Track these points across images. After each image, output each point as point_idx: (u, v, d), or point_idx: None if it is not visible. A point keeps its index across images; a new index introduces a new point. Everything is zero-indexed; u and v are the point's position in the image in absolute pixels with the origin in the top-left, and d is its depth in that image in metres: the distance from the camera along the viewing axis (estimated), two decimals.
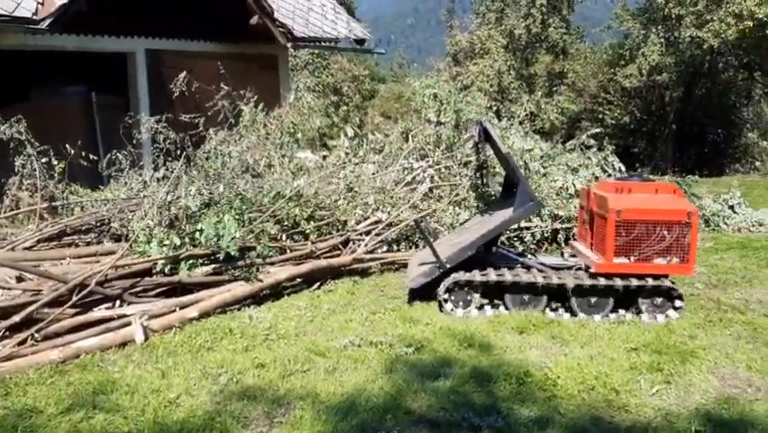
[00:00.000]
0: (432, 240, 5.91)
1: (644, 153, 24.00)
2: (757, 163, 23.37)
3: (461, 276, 5.48)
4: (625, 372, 4.26)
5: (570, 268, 5.69)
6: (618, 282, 5.28)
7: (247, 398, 3.89)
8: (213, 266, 5.84)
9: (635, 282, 5.27)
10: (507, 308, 5.48)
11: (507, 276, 5.46)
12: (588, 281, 5.34)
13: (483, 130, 5.83)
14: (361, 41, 13.49)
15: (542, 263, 5.84)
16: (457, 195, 7.70)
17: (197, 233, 5.83)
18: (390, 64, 41.65)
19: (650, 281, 5.27)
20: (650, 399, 3.92)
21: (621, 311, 5.41)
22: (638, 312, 5.36)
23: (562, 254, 6.40)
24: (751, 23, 16.35)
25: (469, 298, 5.52)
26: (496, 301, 5.58)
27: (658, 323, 5.23)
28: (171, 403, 3.83)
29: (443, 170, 8.24)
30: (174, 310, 5.22)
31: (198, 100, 8.71)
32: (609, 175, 9.07)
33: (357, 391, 3.95)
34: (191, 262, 5.74)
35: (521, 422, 3.61)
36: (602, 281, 5.31)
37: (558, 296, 5.49)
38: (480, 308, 5.53)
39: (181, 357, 4.51)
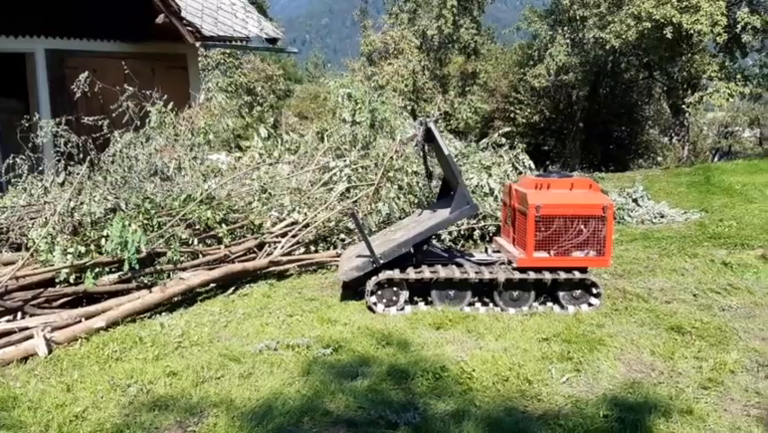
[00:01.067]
0: (367, 234, 5.92)
1: (553, 151, 24.82)
2: (659, 158, 24.58)
3: (392, 274, 5.51)
4: (537, 361, 4.38)
5: (493, 263, 5.82)
6: (547, 276, 5.42)
7: (158, 408, 3.75)
8: (121, 273, 5.62)
9: (563, 275, 5.42)
10: (432, 304, 5.57)
11: (441, 273, 5.53)
12: (517, 276, 5.45)
13: (427, 130, 5.88)
14: (273, 41, 13.32)
15: (468, 259, 5.97)
16: (375, 194, 7.71)
17: (103, 240, 5.60)
18: (306, 64, 41.45)
19: (576, 274, 5.44)
20: (561, 387, 4.04)
21: (536, 304, 5.56)
22: (561, 305, 5.53)
23: (486, 250, 6.56)
24: (649, 25, 17.11)
25: (395, 296, 5.56)
26: (415, 298, 5.65)
27: (568, 314, 5.40)
28: (77, 418, 3.66)
29: (360, 169, 8.24)
30: (79, 321, 5.00)
31: (103, 102, 8.37)
32: (521, 173, 9.30)
33: (273, 396, 3.89)
34: (97, 270, 5.51)
35: (438, 417, 3.65)
36: (531, 276, 5.43)
37: (481, 291, 5.61)
38: (412, 304, 5.60)
39: (88, 369, 4.32)
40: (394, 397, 3.90)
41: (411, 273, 5.55)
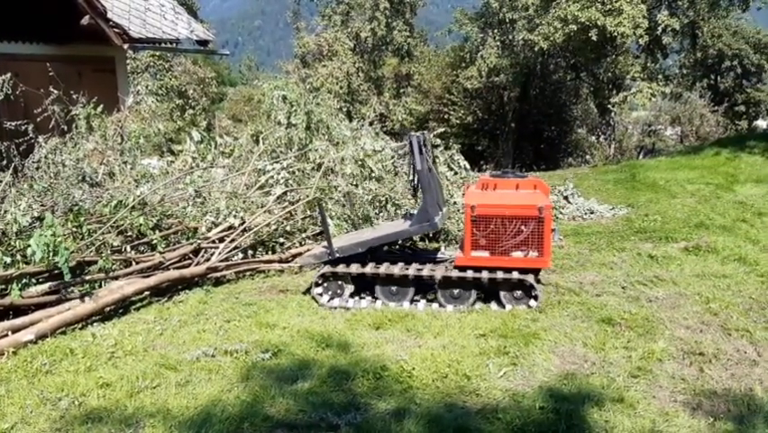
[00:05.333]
0: (328, 226, 6.05)
1: (487, 151, 25.20)
2: (587, 157, 25.29)
3: (334, 268, 5.72)
4: (475, 357, 4.46)
5: (441, 261, 5.96)
6: (485, 275, 5.49)
7: (91, 421, 3.64)
8: (50, 284, 5.42)
9: (499, 275, 5.48)
10: (377, 300, 5.74)
11: (381, 269, 5.69)
12: (453, 273, 5.54)
13: (410, 143, 5.94)
14: (204, 43, 13.09)
15: (418, 258, 6.17)
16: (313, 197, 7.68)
17: (29, 249, 5.38)
18: (239, 66, 40.89)
19: (514, 275, 5.48)
20: (498, 381, 4.13)
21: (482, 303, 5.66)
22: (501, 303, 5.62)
23: (438, 249, 6.80)
24: (575, 27, 17.58)
25: (340, 289, 5.75)
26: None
27: (504, 310, 5.51)
28: None
29: (297, 172, 8.18)
30: (6, 335, 4.80)
31: (27, 106, 8.07)
32: (456, 173, 9.44)
33: (212, 403, 3.83)
34: (24, 281, 5.30)
35: (379, 416, 3.67)
36: (469, 274, 5.50)
37: (426, 288, 5.76)
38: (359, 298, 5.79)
39: (15, 384, 4.16)
40: (335, 399, 3.90)
41: (352, 268, 5.74)
